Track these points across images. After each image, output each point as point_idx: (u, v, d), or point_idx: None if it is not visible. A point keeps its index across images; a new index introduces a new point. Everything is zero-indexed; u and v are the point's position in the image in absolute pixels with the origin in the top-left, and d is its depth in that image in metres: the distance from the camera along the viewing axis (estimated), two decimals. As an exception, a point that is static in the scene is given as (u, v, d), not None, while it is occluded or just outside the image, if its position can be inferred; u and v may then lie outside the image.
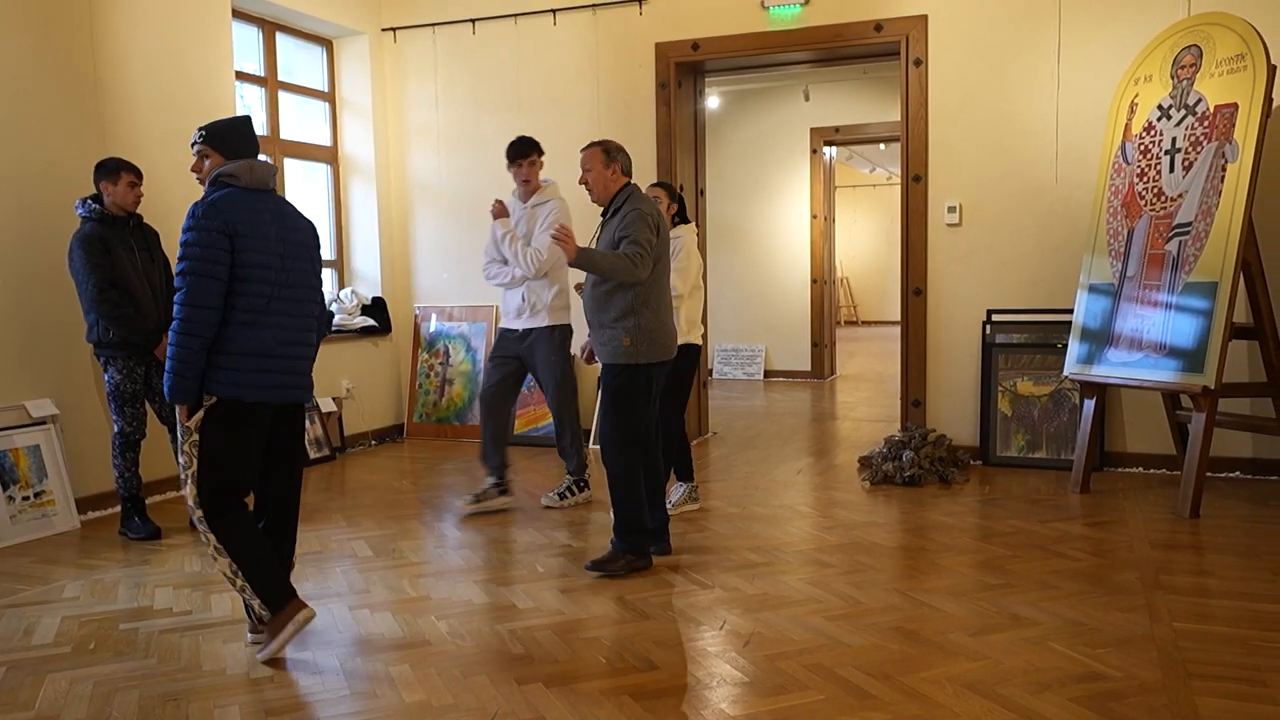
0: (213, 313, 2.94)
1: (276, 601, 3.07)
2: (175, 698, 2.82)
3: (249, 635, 3.23)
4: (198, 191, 3.27)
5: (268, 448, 3.17)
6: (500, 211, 4.83)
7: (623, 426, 3.89)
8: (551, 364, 4.85)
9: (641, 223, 3.80)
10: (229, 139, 3.13)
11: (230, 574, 3.06)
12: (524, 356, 4.89)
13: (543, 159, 4.88)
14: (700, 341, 4.77)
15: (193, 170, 3.17)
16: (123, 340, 4.38)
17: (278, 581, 3.10)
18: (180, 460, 3.09)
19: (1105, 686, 2.75)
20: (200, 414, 2.99)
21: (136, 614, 3.53)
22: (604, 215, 3.99)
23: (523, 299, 4.83)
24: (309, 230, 3.25)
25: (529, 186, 4.83)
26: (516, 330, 4.88)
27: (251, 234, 3.00)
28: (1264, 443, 5.21)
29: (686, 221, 4.74)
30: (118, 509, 4.72)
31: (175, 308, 2.95)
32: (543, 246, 4.68)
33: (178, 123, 5.40)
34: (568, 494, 4.95)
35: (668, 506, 4.31)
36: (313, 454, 6.17)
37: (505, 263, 4.86)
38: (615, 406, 3.90)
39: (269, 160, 3.31)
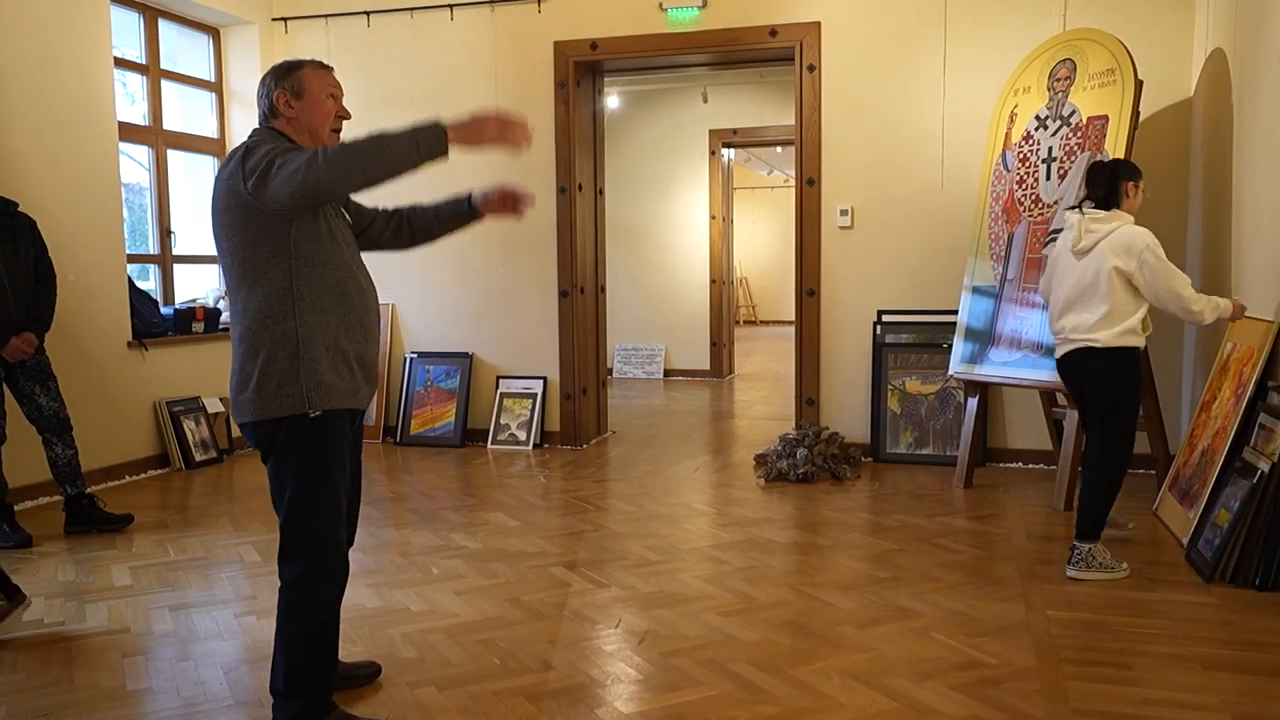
0: None
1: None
2: (46, 713, 2.70)
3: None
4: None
5: None
6: None
7: None
8: None
9: None
10: None
11: None
12: None
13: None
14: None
15: None
16: None
17: None
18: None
19: (983, 674, 2.87)
20: None
21: (3, 626, 3.35)
22: None
23: None
24: None
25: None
26: None
27: None
28: (1132, 438, 5.48)
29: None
30: (-16, 516, 4.47)
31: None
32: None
33: (50, 111, 5.15)
34: None
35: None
36: (199, 456, 5.96)
37: None
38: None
39: None
